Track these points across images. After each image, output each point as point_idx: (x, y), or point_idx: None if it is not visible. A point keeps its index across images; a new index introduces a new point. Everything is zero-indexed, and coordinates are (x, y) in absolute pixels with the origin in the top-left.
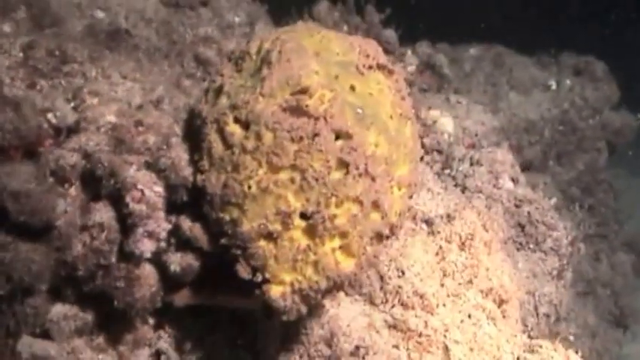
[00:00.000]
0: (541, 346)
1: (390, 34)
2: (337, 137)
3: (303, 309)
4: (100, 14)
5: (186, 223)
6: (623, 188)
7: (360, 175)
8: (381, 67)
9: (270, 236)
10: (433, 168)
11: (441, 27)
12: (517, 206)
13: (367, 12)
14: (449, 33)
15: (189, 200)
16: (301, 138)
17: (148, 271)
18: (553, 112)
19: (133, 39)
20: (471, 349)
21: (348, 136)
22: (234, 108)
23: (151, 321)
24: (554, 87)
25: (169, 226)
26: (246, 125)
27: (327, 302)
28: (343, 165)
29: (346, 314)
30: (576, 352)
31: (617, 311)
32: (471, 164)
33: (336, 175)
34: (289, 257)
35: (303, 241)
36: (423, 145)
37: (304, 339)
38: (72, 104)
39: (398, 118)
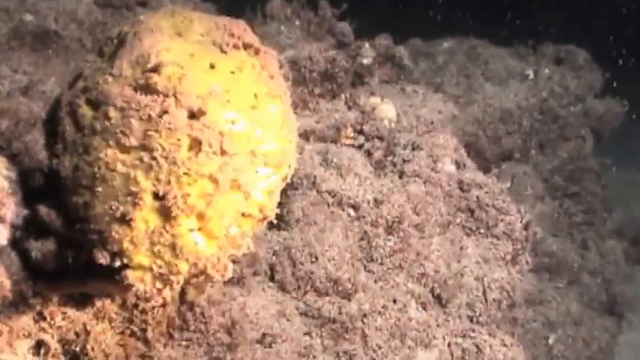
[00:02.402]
0: (474, 331)
1: (344, 26)
2: (192, 116)
3: (167, 294)
4: (29, 17)
5: (43, 209)
6: (610, 177)
7: (214, 152)
8: (247, 46)
9: (123, 218)
10: (374, 155)
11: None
12: (464, 190)
13: (320, 6)
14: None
15: (48, 186)
16: (149, 116)
17: (10, 259)
18: (531, 100)
19: (63, 40)
20: (392, 335)
21: (200, 113)
22: (86, 90)
23: (30, 311)
24: (531, 76)
25: (26, 212)
26: (96, 106)
27: (236, 290)
28: (195, 143)
29: (256, 302)
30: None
31: (611, 299)
32: (413, 149)
33: (188, 153)
34: (145, 240)
35: (158, 223)
36: (362, 132)
37: (202, 327)
38: None
39: (263, 96)
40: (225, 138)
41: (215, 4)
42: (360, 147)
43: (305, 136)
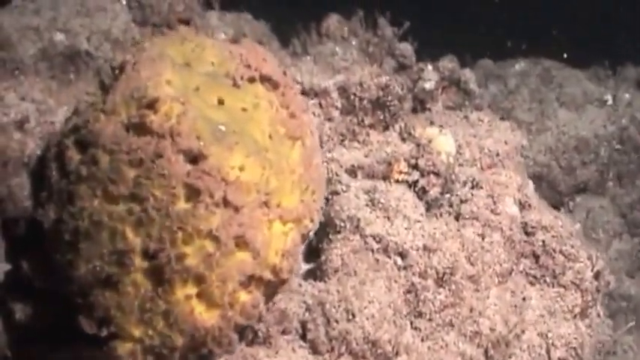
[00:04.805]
0: None
1: (405, 47)
2: (192, 160)
3: None
4: (59, 36)
5: (26, 265)
6: None
7: (215, 204)
8: (265, 78)
9: (109, 281)
10: (430, 192)
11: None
12: (529, 234)
13: (379, 25)
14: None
15: (33, 236)
16: (141, 161)
17: None
18: (609, 128)
19: (95, 61)
20: None
21: (202, 158)
22: (76, 129)
23: None
24: (610, 102)
25: (9, 267)
26: (84, 148)
27: (261, 351)
28: (194, 193)
29: None
30: None
31: None
32: (472, 187)
33: (184, 204)
34: (135, 306)
35: (149, 287)
36: (416, 167)
37: None
38: None
39: (280, 138)
40: (230, 187)
41: (268, 21)
42: (414, 183)
43: (352, 171)
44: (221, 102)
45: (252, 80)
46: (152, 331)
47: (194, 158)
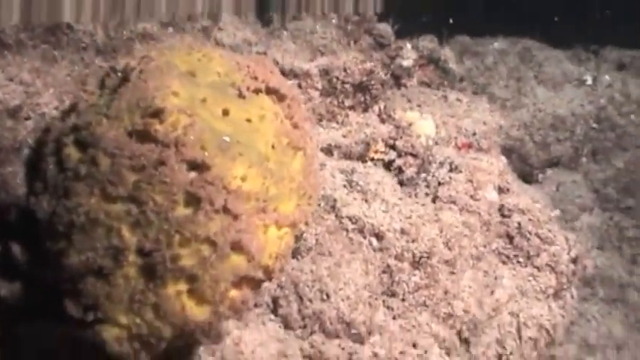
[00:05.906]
0: None
1: (384, 27)
2: (195, 169)
3: (145, 357)
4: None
5: (16, 248)
6: None
7: (215, 212)
8: (271, 90)
9: (100, 272)
10: (405, 172)
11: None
12: (505, 216)
13: (361, 4)
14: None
15: (24, 222)
16: (143, 167)
17: None
18: (587, 108)
19: (76, 34)
20: None
21: (205, 168)
22: (76, 128)
23: None
24: (589, 82)
25: None
26: (84, 148)
27: (230, 322)
28: (195, 200)
29: (253, 337)
30: None
31: None
32: (450, 170)
33: (184, 210)
34: (125, 297)
35: (140, 281)
36: (394, 147)
37: None
38: None
39: (283, 148)
40: (231, 196)
41: None
42: (390, 163)
43: (328, 150)
44: (226, 113)
45: (257, 91)
46: (140, 320)
47: (197, 167)
